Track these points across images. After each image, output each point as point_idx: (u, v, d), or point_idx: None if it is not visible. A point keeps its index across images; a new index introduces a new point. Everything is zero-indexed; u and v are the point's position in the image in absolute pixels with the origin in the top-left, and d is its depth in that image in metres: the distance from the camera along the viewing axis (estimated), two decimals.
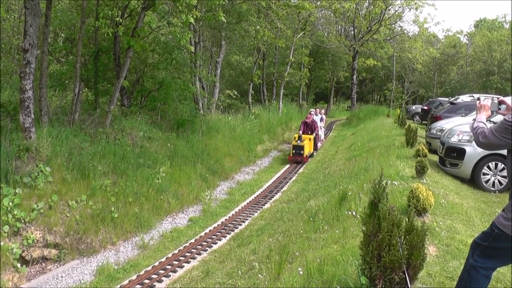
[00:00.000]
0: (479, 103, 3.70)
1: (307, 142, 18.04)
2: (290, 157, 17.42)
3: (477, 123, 3.53)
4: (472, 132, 3.52)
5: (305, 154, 17.29)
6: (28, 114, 9.09)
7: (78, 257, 8.13)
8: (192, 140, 14.72)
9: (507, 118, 3.17)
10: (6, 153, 8.22)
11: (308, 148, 18.10)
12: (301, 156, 17.11)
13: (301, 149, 17.13)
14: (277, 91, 33.33)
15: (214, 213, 11.48)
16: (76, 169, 9.14)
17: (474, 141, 3.51)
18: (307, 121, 19.47)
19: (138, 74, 16.00)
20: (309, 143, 18.22)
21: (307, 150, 17.66)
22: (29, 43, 8.98)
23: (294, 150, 17.20)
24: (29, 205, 7.86)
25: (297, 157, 17.16)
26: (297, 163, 17.44)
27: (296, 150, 17.19)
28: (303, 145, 17.22)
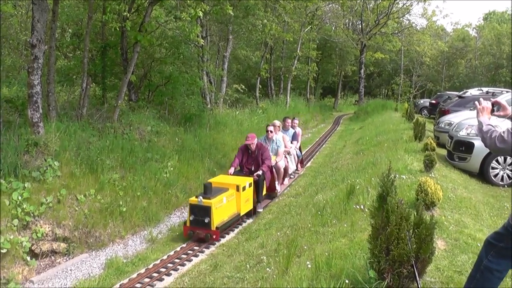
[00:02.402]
0: (480, 105, 3.46)
1: (230, 197, 9.01)
2: (186, 227, 8.61)
3: (486, 126, 3.29)
4: (483, 136, 3.29)
5: (215, 223, 8.40)
6: (36, 109, 9.13)
7: (87, 251, 8.18)
8: (199, 135, 14.74)
9: None
10: (14, 148, 8.27)
11: (233, 208, 9.20)
12: (207, 228, 8.37)
13: (206, 214, 8.31)
14: (284, 85, 33.29)
15: None
16: (84, 164, 9.20)
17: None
18: (251, 147, 10.31)
19: (146, 69, 16.02)
20: (236, 198, 9.24)
21: (221, 215, 8.68)
22: (37, 38, 8.99)
23: (192, 216, 8.45)
24: (38, 199, 7.91)
25: (198, 229, 8.44)
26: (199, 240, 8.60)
27: (195, 215, 8.42)
28: (210, 205, 8.25)
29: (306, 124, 29.78)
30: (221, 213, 8.58)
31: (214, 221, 8.35)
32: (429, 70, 57.01)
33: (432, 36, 48.26)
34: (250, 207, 9.87)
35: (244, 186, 9.32)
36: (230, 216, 8.95)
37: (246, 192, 9.47)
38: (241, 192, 9.22)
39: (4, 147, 8.26)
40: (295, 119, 14.57)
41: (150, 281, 7.32)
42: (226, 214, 8.80)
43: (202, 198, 8.27)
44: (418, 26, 45.82)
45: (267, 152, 10.33)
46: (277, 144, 11.76)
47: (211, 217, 8.27)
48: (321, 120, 35.02)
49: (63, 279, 7.36)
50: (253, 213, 10.04)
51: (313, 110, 35.77)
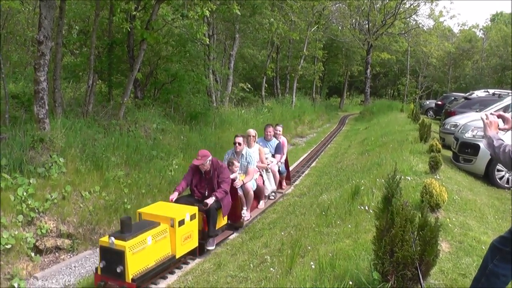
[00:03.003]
0: (487, 120, 3.40)
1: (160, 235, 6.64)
2: (97, 275, 6.11)
3: (496, 141, 3.22)
4: (495, 151, 3.21)
5: (131, 273, 5.85)
6: (42, 105, 9.16)
7: (91, 248, 8.20)
8: (205, 133, 14.74)
9: None
10: (20, 144, 8.31)
11: (165, 249, 6.88)
12: (120, 279, 5.83)
13: (119, 260, 5.81)
14: (290, 84, 33.26)
15: None
16: (89, 160, 9.21)
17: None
18: (203, 168, 8.14)
19: (152, 67, 16.05)
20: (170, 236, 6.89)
21: (143, 261, 6.19)
22: (44, 35, 9.02)
23: (103, 262, 5.99)
24: (43, 195, 7.94)
25: (110, 279, 5.94)
26: None
27: (106, 261, 5.96)
28: (123, 249, 5.77)
29: (311, 124, 29.74)
30: (142, 259, 6.09)
31: (130, 271, 5.80)
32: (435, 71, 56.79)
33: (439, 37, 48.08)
34: (194, 246, 7.46)
35: (181, 219, 6.85)
36: (158, 261, 6.56)
37: (186, 227, 7.03)
38: (176, 227, 6.73)
39: (9, 143, 8.30)
40: (278, 126, 11.61)
41: (154, 279, 7.33)
42: (151, 259, 6.36)
43: (114, 238, 5.80)
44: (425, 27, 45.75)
45: (225, 173, 7.89)
46: (247, 160, 9.43)
47: (125, 265, 5.74)
48: (327, 120, 34.97)
49: (67, 276, 7.37)
50: (199, 253, 7.72)
51: (319, 110, 35.72)
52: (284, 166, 11.75)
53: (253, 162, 9.53)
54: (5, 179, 7.58)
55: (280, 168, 11.36)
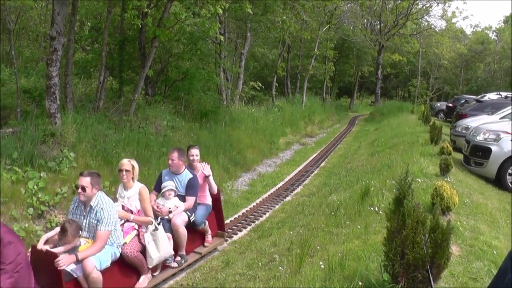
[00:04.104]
0: None
1: None
2: None
3: None
4: None
5: None
6: (54, 100, 9.23)
7: None
8: (215, 131, 14.76)
9: None
10: (31, 138, 8.37)
11: None
12: None
13: None
14: (301, 84, 33.20)
15: (235, 204, 11.48)
16: (100, 156, 9.27)
17: None
18: None
19: (163, 64, 16.08)
20: None
21: None
22: (56, 31, 9.09)
23: None
24: (53, 189, 8.01)
25: None
26: None
27: None
28: None
29: (321, 124, 29.67)
30: None
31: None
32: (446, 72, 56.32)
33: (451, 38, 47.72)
34: None
35: None
36: None
37: None
38: None
39: (21, 137, 8.38)
40: (193, 149, 7.49)
41: None
42: None
43: None
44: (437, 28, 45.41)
45: None
46: (97, 217, 5.27)
47: None
48: (337, 120, 34.88)
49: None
50: None
51: (329, 110, 35.64)
52: (214, 209, 7.72)
53: (108, 221, 5.25)
54: (16, 172, 7.66)
55: (196, 215, 6.95)
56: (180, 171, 6.87)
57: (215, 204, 7.78)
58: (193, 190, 6.83)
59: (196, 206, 7.00)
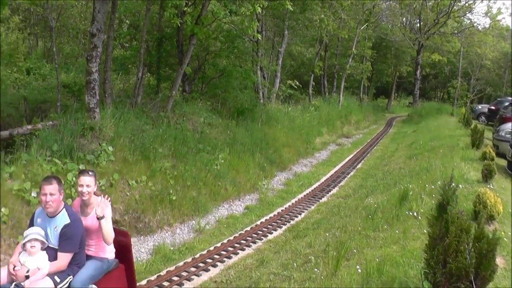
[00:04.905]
0: None
1: None
2: None
3: None
4: None
5: None
6: (93, 95, 9.36)
7: (136, 235, 8.27)
8: (251, 129, 14.71)
9: None
10: (71, 131, 8.52)
11: None
12: None
13: None
14: (337, 83, 32.81)
15: (271, 203, 11.43)
16: (138, 151, 9.32)
17: None
18: None
19: (200, 61, 16.12)
20: None
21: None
22: (97, 28, 9.23)
23: None
24: None
25: None
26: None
27: None
28: None
29: (358, 124, 29.27)
30: None
31: None
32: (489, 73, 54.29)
33: (495, 36, 46.03)
34: None
35: None
36: None
37: None
38: None
39: (61, 130, 8.54)
40: (85, 176, 4.37)
41: (196, 271, 7.31)
42: None
43: None
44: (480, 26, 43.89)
45: None
46: None
47: None
48: (373, 121, 34.32)
49: None
50: None
51: (366, 110, 35.10)
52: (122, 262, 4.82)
53: None
54: (56, 164, 7.79)
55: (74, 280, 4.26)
56: (56, 212, 4.15)
57: (124, 255, 4.78)
58: (68, 243, 4.13)
59: (81, 263, 4.32)
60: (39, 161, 7.67)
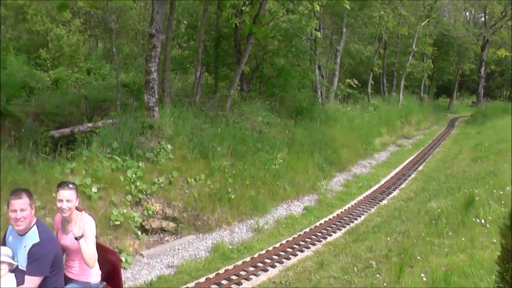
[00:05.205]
0: None
1: None
2: None
3: None
4: None
5: None
6: (153, 94, 9.51)
7: (194, 233, 8.31)
8: (310, 128, 14.49)
9: None
10: (130, 129, 8.68)
11: None
12: None
13: None
14: (397, 82, 31.87)
15: (330, 204, 11.15)
16: (196, 149, 9.34)
17: None
18: None
19: (258, 61, 16.07)
20: None
21: None
22: (156, 28, 9.38)
23: None
24: (151, 178, 8.17)
25: None
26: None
27: None
28: None
29: (418, 125, 28.35)
30: None
31: None
32: None
33: None
34: None
35: None
36: None
37: None
38: None
39: (120, 128, 8.72)
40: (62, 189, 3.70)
41: (255, 270, 7.18)
42: None
43: None
44: None
45: None
46: None
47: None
48: (434, 121, 33.13)
49: (170, 257, 7.51)
50: None
51: (426, 110, 33.93)
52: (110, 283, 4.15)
53: None
54: (115, 161, 7.94)
55: None
56: (27, 230, 3.58)
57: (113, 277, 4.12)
58: (36, 265, 3.52)
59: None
60: (99, 158, 7.87)
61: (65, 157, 7.72)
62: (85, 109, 12.16)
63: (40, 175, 7.04)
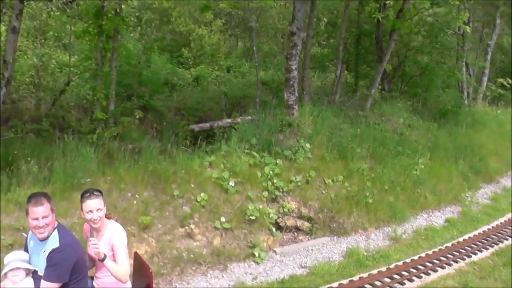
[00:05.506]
0: None
1: None
2: None
3: None
4: None
5: None
6: (292, 92, 9.60)
7: (329, 235, 8.17)
8: (454, 133, 13.44)
9: None
10: (269, 126, 8.86)
11: None
12: None
13: None
14: None
15: (475, 219, 10.20)
16: (335, 149, 9.20)
17: None
18: None
19: (400, 58, 15.34)
20: None
21: None
22: (297, 26, 9.41)
23: None
24: (288, 176, 8.22)
25: None
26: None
27: None
28: None
29: None
30: None
31: None
32: None
33: None
34: None
35: None
36: None
37: None
38: None
39: (259, 124, 8.96)
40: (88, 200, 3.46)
41: (391, 282, 6.81)
42: None
43: None
44: None
45: None
46: None
47: None
48: None
49: (303, 257, 7.44)
50: None
51: None
52: None
53: None
54: (253, 157, 8.15)
55: None
56: (47, 236, 3.35)
57: None
58: (53, 271, 3.27)
59: None
60: (237, 153, 8.13)
61: (204, 151, 8.13)
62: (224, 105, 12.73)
63: (180, 166, 7.48)
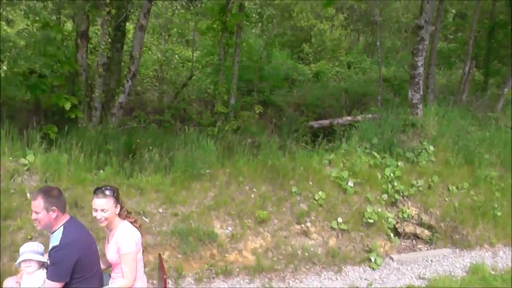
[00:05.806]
0: None
1: None
2: None
3: None
4: None
5: None
6: (417, 90, 9.09)
7: (450, 246, 7.64)
8: None
9: None
10: (391, 126, 8.47)
11: None
12: None
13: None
14: None
15: None
16: (461, 154, 8.58)
17: None
18: None
19: None
20: None
21: None
22: (425, 19, 8.88)
23: None
24: (409, 180, 7.84)
25: None
26: None
27: None
28: None
29: None
30: None
31: None
32: None
33: None
34: None
35: None
36: None
37: None
38: None
39: (381, 123, 8.61)
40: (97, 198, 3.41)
41: None
42: None
43: None
44: None
45: None
46: None
47: None
48: None
49: (422, 268, 7.03)
50: None
51: None
52: None
53: None
54: (374, 157, 7.88)
55: None
56: (54, 228, 3.35)
57: None
58: (53, 270, 3.26)
59: None
60: (357, 152, 7.91)
61: (323, 148, 8.01)
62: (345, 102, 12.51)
63: (299, 163, 7.44)
